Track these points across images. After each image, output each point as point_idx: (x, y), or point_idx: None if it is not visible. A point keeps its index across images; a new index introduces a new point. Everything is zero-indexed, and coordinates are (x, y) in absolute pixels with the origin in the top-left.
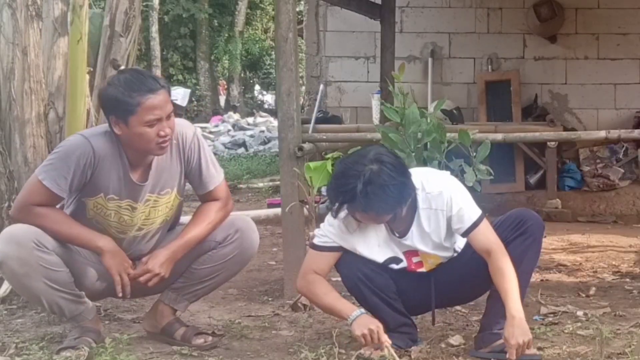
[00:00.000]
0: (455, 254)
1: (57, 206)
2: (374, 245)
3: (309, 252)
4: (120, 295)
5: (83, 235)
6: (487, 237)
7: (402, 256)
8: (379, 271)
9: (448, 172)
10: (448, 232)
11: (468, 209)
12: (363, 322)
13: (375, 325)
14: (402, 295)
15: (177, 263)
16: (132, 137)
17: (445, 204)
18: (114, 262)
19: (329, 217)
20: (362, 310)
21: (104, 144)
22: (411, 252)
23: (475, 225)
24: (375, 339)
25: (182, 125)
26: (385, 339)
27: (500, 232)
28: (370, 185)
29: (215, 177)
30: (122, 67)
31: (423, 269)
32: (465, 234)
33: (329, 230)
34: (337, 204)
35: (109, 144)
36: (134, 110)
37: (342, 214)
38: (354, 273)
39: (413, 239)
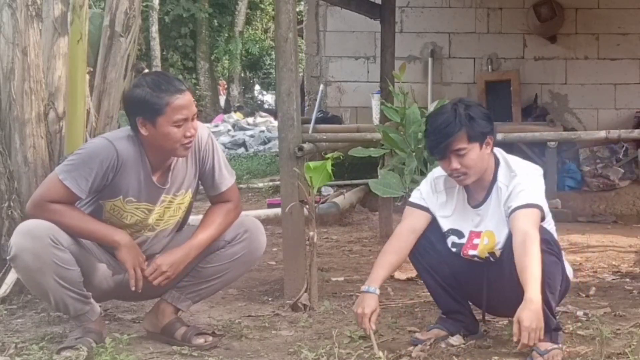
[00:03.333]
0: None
1: None
2: (449, 212)
3: (406, 209)
4: (133, 289)
5: (99, 230)
6: (531, 221)
7: (466, 233)
8: (441, 259)
9: (539, 168)
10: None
11: (528, 193)
12: (360, 301)
13: (363, 309)
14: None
15: (188, 264)
16: (158, 138)
17: (513, 184)
18: (130, 256)
19: (428, 177)
20: (373, 288)
21: (127, 148)
22: (475, 234)
23: (525, 206)
24: (359, 322)
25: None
26: (368, 326)
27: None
28: (470, 109)
29: (228, 178)
30: (146, 71)
31: (476, 252)
32: (511, 212)
33: (423, 186)
34: (440, 146)
35: (131, 147)
36: (163, 111)
37: (437, 171)
38: (420, 257)
39: (486, 211)
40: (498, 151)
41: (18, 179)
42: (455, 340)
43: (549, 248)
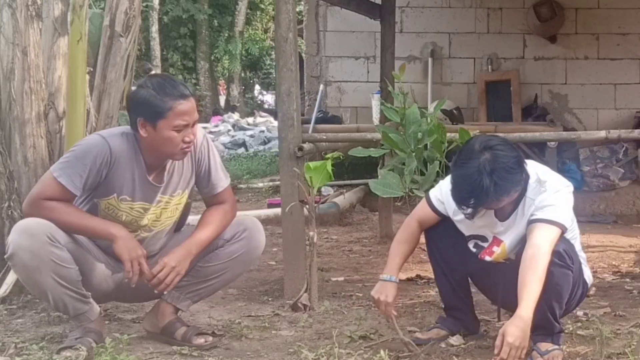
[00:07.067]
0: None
1: None
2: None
3: (423, 200)
4: (126, 280)
5: (95, 224)
6: (546, 238)
7: (489, 238)
8: (457, 257)
9: (570, 185)
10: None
11: (554, 210)
12: (381, 289)
13: (385, 296)
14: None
15: (192, 261)
16: (157, 141)
17: (540, 198)
18: (126, 248)
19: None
20: (394, 278)
21: (120, 145)
22: (497, 241)
23: (547, 222)
24: (382, 309)
25: None
26: (391, 313)
27: None
28: (495, 173)
29: (223, 180)
30: (153, 72)
31: (491, 259)
32: (531, 222)
33: (444, 186)
34: (469, 207)
35: (125, 144)
36: (165, 114)
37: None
38: (437, 252)
39: (511, 224)
40: (530, 165)
41: (18, 179)
42: (455, 340)
43: (561, 261)
